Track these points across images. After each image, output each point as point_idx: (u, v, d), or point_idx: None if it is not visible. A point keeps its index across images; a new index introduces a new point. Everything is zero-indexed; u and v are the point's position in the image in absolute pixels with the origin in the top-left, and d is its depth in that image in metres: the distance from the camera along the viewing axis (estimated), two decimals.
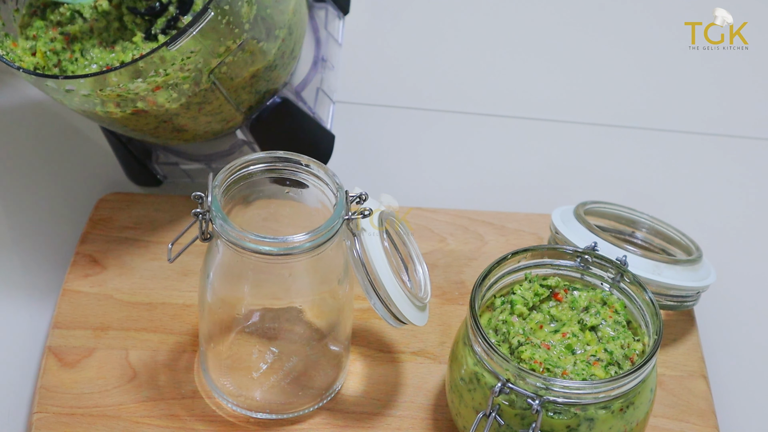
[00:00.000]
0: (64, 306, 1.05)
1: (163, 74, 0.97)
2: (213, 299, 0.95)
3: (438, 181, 1.22)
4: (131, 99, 0.99)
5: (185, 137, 1.07)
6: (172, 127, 1.05)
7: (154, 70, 0.97)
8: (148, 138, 1.08)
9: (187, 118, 1.04)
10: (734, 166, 1.26)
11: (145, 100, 1.00)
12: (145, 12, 1.05)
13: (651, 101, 1.32)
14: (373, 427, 0.98)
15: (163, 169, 1.16)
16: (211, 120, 1.05)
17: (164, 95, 0.99)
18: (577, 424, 0.89)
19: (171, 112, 1.02)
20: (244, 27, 0.99)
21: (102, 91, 0.98)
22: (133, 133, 1.06)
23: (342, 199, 0.91)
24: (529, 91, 1.32)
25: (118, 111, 1.01)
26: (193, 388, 1.00)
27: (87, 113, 1.03)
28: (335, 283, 0.95)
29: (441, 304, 1.07)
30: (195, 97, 1.01)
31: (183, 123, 1.04)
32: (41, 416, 0.97)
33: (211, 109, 1.04)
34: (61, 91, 0.99)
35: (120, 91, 0.98)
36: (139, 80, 0.97)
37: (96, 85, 0.97)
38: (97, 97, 0.99)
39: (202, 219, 0.91)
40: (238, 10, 0.98)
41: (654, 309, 0.92)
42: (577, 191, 1.20)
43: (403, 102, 1.30)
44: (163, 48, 0.95)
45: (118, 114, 1.01)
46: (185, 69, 0.98)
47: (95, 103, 1.00)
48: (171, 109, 1.01)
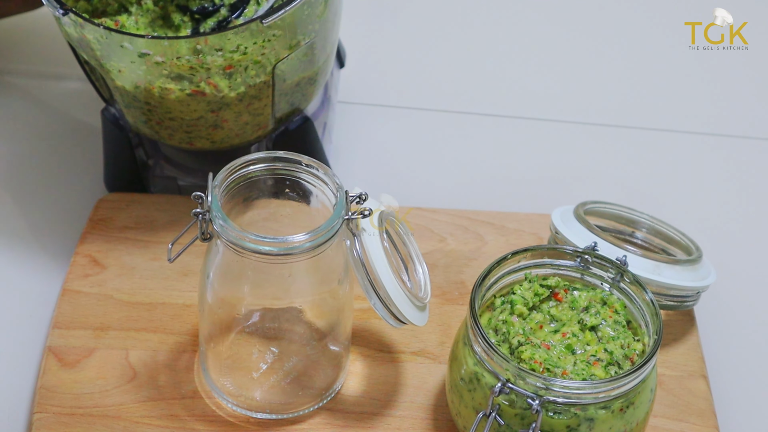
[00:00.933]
0: (64, 306, 1.05)
1: (243, 51, 0.98)
2: (213, 299, 0.95)
3: (438, 181, 1.22)
4: (199, 74, 0.99)
5: (215, 137, 1.07)
6: (213, 121, 1.05)
7: (237, 45, 0.98)
8: (176, 134, 1.08)
9: (233, 113, 1.05)
10: (734, 166, 1.26)
11: (208, 83, 1.00)
12: (197, 11, 1.04)
13: (651, 101, 1.32)
14: (373, 427, 0.98)
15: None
16: (248, 122, 1.06)
17: (227, 82, 1.01)
18: (577, 424, 0.89)
19: (225, 100, 1.03)
20: (315, 26, 1.02)
21: (178, 60, 0.98)
22: (167, 123, 1.06)
23: (342, 199, 0.91)
24: (529, 91, 1.32)
25: (177, 89, 1.01)
26: (193, 388, 1.00)
27: (137, 91, 1.03)
28: (335, 283, 0.95)
29: (441, 304, 1.07)
30: (251, 89, 1.02)
31: (226, 118, 1.05)
32: (41, 416, 0.97)
33: (255, 108, 1.05)
34: (134, 54, 0.98)
35: (195, 63, 0.98)
36: (219, 53, 0.98)
37: (174, 52, 0.97)
38: (168, 67, 0.98)
39: (202, 219, 0.91)
40: (317, 8, 1.01)
41: (654, 309, 0.92)
42: (577, 191, 1.20)
43: (403, 102, 1.30)
44: (256, 21, 0.96)
45: (175, 92, 1.01)
46: (261, 53, 0.99)
47: (159, 76, 1.00)
48: (227, 97, 1.02)
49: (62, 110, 1.26)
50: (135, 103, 1.05)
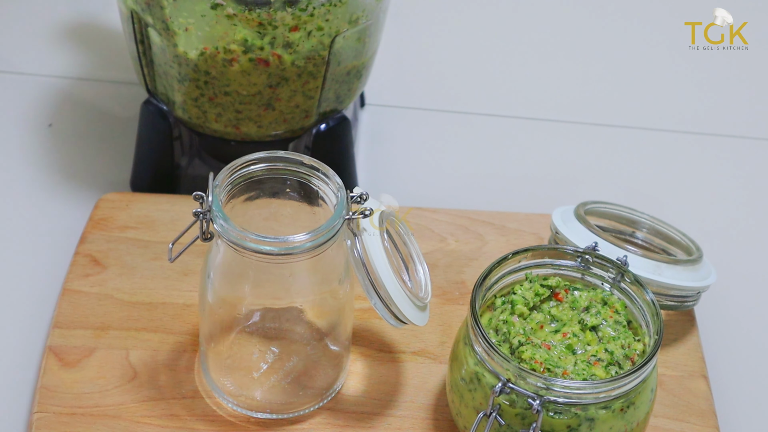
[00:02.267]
0: (64, 306, 1.05)
1: (310, 11, 0.99)
2: (214, 299, 0.95)
3: (438, 181, 1.22)
4: (268, 33, 1.00)
5: (264, 120, 1.08)
6: (267, 98, 1.06)
7: (306, 3, 0.99)
8: (226, 113, 1.08)
9: (288, 91, 1.06)
10: (734, 166, 1.26)
11: (272, 54, 1.02)
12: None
13: (651, 101, 1.32)
14: (374, 427, 0.98)
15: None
16: (299, 105, 1.08)
17: (288, 54, 1.02)
18: (578, 424, 0.89)
19: (285, 74, 1.04)
20: (373, 6, 1.05)
21: (250, 12, 0.99)
22: (220, 99, 1.06)
23: (343, 199, 0.91)
24: (530, 91, 1.33)
25: (242, 52, 1.02)
26: (193, 388, 1.00)
27: (200, 59, 1.03)
28: (336, 283, 0.95)
29: (441, 304, 1.07)
30: (309, 63, 1.04)
31: (280, 96, 1.06)
32: (41, 416, 0.97)
33: (309, 89, 1.06)
34: (207, 5, 0.99)
35: (265, 18, 0.99)
36: (290, 9, 0.99)
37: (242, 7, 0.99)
38: (239, 20, 0.99)
39: (202, 219, 0.91)
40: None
41: (654, 309, 0.92)
42: (577, 191, 1.20)
43: (403, 102, 1.30)
44: None
45: (240, 60, 1.02)
46: (325, 18, 1.01)
47: (227, 34, 1.01)
48: (288, 69, 1.03)
49: (63, 110, 1.26)
50: (193, 75, 1.05)
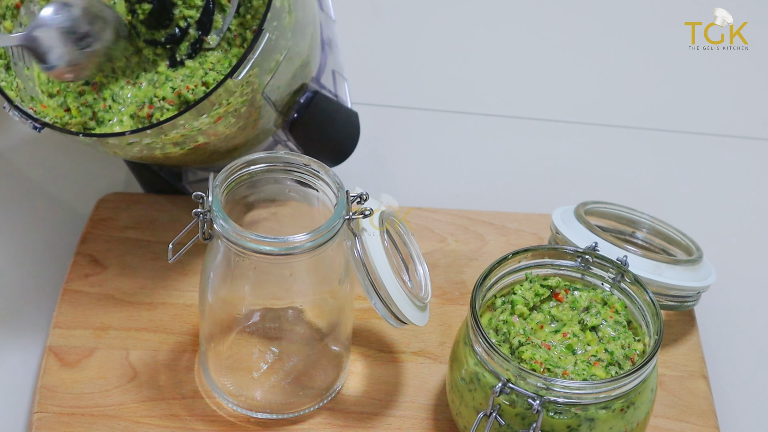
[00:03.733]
0: (64, 306, 1.05)
1: (225, 104, 0.97)
2: (214, 299, 0.95)
3: (438, 181, 1.22)
4: (193, 136, 0.98)
5: (235, 154, 1.06)
6: (225, 149, 1.04)
7: (218, 103, 0.96)
8: (197, 163, 1.07)
9: (242, 138, 1.04)
10: (734, 166, 1.26)
11: (206, 134, 0.99)
12: (166, 41, 1.03)
13: (651, 101, 1.32)
14: (374, 427, 0.98)
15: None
16: (259, 132, 1.05)
17: (223, 123, 0.99)
18: (578, 424, 0.89)
19: (229, 136, 1.02)
20: (287, 37, 0.99)
21: (166, 136, 0.97)
22: (187, 159, 1.05)
23: (343, 199, 0.91)
24: (530, 91, 1.32)
25: (178, 150, 1.00)
26: (193, 388, 1.00)
27: (143, 159, 1.02)
28: (336, 283, 0.95)
29: (441, 304, 1.07)
30: (250, 119, 1.01)
31: (237, 143, 1.04)
32: (41, 416, 0.97)
33: (263, 122, 1.04)
34: (122, 145, 0.98)
35: (184, 132, 0.97)
36: (204, 116, 0.96)
37: (160, 132, 0.96)
38: (160, 141, 0.98)
39: (202, 219, 0.91)
40: (284, 24, 0.98)
41: (654, 309, 0.92)
42: (577, 191, 1.20)
43: (403, 102, 1.30)
44: (228, 80, 0.95)
45: (177, 153, 1.01)
46: (244, 93, 0.97)
47: (155, 148, 0.99)
48: (230, 134, 1.01)
49: None
50: (145, 160, 1.05)
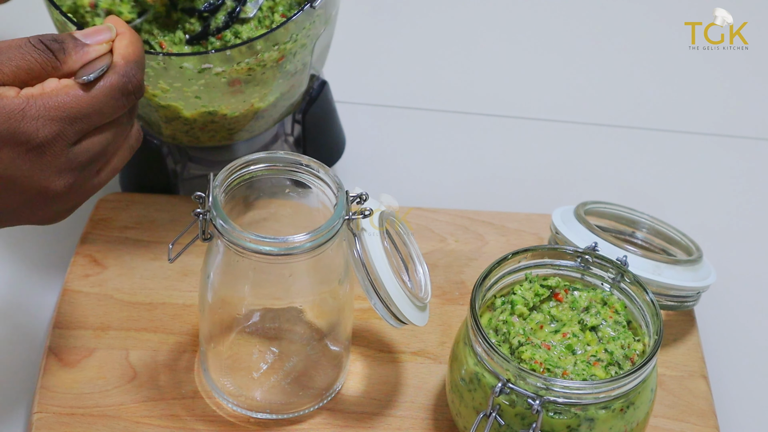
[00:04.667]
0: (64, 306, 1.05)
1: (294, 39, 0.99)
2: (213, 299, 0.95)
3: (438, 181, 1.22)
4: (256, 72, 0.99)
5: (255, 127, 1.08)
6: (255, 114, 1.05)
7: (290, 35, 0.98)
8: (218, 134, 1.07)
9: (273, 100, 1.05)
10: (734, 166, 1.26)
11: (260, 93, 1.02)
12: (205, 8, 1.02)
13: (651, 101, 1.32)
14: (374, 427, 0.98)
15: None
16: (285, 104, 1.07)
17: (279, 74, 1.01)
18: (578, 425, 0.89)
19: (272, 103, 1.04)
20: (335, 2, 1.03)
21: (238, 65, 0.98)
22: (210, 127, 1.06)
23: (342, 199, 0.91)
24: (530, 91, 1.32)
25: (231, 110, 1.02)
26: (193, 388, 1.00)
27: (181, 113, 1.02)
28: (335, 283, 0.95)
29: (441, 304, 1.07)
30: (295, 78, 1.03)
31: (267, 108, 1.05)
32: (41, 416, 0.97)
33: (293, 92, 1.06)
34: (192, 73, 0.98)
35: (253, 63, 0.98)
36: (275, 47, 0.98)
37: (239, 56, 0.97)
38: (227, 74, 0.98)
39: (202, 219, 0.91)
40: None
41: (654, 309, 0.92)
42: (577, 191, 1.20)
43: (403, 102, 1.30)
44: (306, 7, 0.97)
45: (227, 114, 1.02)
46: (307, 35, 1.00)
47: (215, 88, 0.99)
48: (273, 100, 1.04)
49: None
50: (182, 125, 1.05)
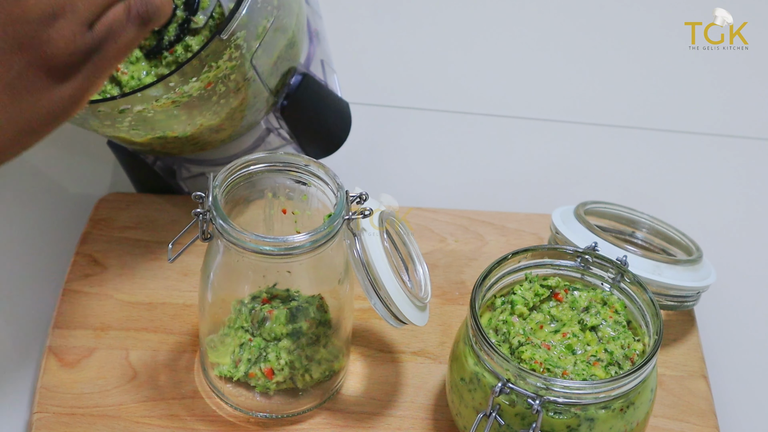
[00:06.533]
0: (64, 306, 1.05)
1: (215, 67, 0.96)
2: (213, 299, 0.95)
3: (438, 181, 1.22)
4: (182, 103, 0.98)
5: (224, 136, 1.06)
6: (214, 129, 1.04)
7: (207, 64, 0.96)
8: (186, 148, 1.07)
9: (229, 120, 1.03)
10: (734, 166, 1.26)
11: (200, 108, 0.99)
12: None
13: (651, 101, 1.32)
14: (373, 427, 0.98)
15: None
16: (247, 113, 1.05)
17: (214, 100, 0.99)
18: (578, 424, 0.89)
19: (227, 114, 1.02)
20: (274, 4, 0.99)
21: (157, 102, 0.96)
22: (171, 145, 1.05)
23: (342, 199, 0.91)
24: (530, 91, 1.32)
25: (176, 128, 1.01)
26: (193, 388, 1.00)
27: (142, 146, 1.01)
28: (335, 283, 0.95)
29: (441, 304, 1.07)
30: (241, 91, 1.01)
31: (224, 125, 1.04)
32: (41, 416, 0.97)
33: (250, 102, 1.03)
34: (113, 114, 0.97)
35: (175, 96, 0.96)
36: (194, 80, 0.96)
37: (150, 98, 0.96)
38: (151, 110, 0.97)
39: (202, 219, 0.91)
40: None
41: (654, 309, 0.92)
42: (577, 191, 1.20)
43: (403, 102, 1.30)
44: (216, 38, 0.94)
45: (176, 134, 1.01)
46: (233, 57, 0.97)
47: (148, 123, 0.98)
48: (224, 113, 1.01)
49: None
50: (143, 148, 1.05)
